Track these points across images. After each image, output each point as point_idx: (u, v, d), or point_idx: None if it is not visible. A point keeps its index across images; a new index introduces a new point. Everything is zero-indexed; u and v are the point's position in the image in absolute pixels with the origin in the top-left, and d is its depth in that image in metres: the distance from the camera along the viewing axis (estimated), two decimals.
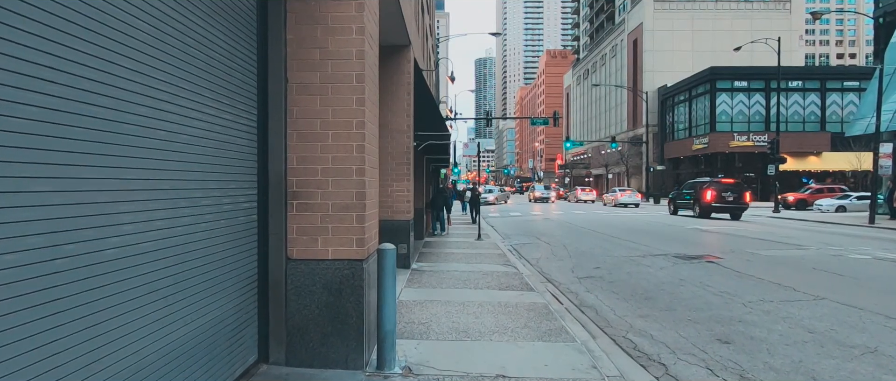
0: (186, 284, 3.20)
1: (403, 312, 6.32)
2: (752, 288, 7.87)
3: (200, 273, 3.37)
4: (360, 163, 4.35)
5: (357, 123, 4.36)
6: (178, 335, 3.07)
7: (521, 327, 5.70)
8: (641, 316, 6.44)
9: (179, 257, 3.12)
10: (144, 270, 2.77)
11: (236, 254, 3.95)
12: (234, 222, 3.90)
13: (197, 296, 3.32)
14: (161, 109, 2.91)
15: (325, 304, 4.36)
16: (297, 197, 4.37)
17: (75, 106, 2.28)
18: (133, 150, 2.67)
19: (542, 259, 11.48)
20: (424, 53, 15.32)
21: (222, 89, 3.66)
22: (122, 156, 2.59)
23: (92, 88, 2.37)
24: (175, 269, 3.06)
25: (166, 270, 2.97)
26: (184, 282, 3.16)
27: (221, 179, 3.67)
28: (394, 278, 4.48)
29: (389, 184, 9.52)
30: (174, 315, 3.04)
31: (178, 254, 3.11)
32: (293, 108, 4.36)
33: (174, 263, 3.05)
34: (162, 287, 2.93)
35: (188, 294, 3.22)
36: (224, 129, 3.70)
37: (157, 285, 2.88)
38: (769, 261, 10.57)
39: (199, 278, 3.34)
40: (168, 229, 3.00)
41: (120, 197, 2.59)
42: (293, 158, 4.37)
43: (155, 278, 2.86)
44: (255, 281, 4.29)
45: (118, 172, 2.57)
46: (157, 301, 2.87)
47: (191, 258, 3.25)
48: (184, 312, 3.16)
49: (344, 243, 4.36)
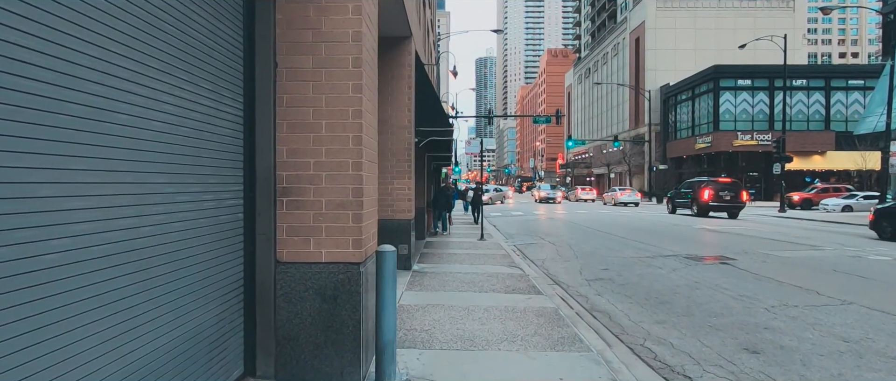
0: (157, 291, 2.79)
1: (404, 317, 5.91)
2: (773, 292, 7.45)
3: (174, 279, 2.96)
4: (357, 156, 3.94)
5: (353, 112, 3.95)
6: (144, 351, 2.66)
7: (531, 334, 5.29)
8: (658, 322, 6.03)
9: (148, 261, 2.71)
10: (100, 277, 2.35)
11: (218, 257, 3.55)
12: (216, 220, 3.49)
13: (169, 305, 2.91)
14: (122, 88, 2.50)
15: (317, 311, 3.95)
16: (287, 194, 3.96)
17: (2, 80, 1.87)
18: (84, 135, 2.26)
19: (547, 260, 11.07)
20: (426, 48, 14.91)
21: (202, 71, 3.25)
22: (71, 142, 2.18)
23: (25, 58, 1.95)
24: (140, 275, 2.64)
25: (129, 276, 2.56)
26: (154, 289, 2.76)
27: (201, 172, 3.27)
28: (394, 283, 4.07)
29: (390, 182, 9.11)
30: (140, 329, 2.63)
31: (146, 258, 2.70)
32: (283, 95, 3.95)
33: (140, 267, 2.64)
34: (124, 296, 2.52)
35: (159, 304, 2.81)
36: (204, 116, 3.29)
37: (117, 295, 2.47)
38: (785, 262, 10.16)
39: (172, 284, 2.93)
40: (132, 230, 2.59)
41: (68, 191, 2.18)
42: (283, 150, 3.96)
43: (114, 287, 2.45)
44: (241, 286, 3.88)
45: (65, 162, 2.16)
46: (117, 314, 2.46)
47: (161, 262, 2.83)
48: (153, 324, 2.75)
49: (339, 244, 3.95)
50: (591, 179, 78.93)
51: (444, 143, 13.99)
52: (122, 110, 2.51)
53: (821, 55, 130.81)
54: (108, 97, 2.40)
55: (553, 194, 50.00)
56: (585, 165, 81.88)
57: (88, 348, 2.27)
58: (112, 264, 2.44)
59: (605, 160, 69.32)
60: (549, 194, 50.11)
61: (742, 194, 25.73)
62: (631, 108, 64.95)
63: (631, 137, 61.05)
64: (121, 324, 2.48)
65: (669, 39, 60.66)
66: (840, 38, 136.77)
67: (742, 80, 46.55)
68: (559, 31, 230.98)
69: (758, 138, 45.11)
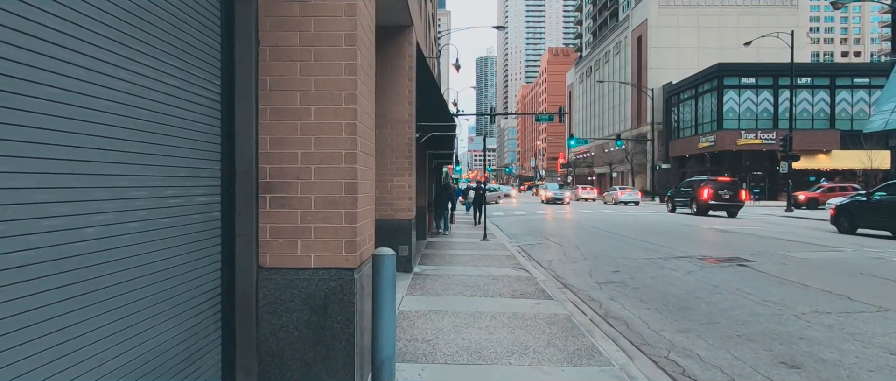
0: (104, 306, 2.31)
1: (405, 325, 5.42)
2: (800, 297, 6.96)
3: (129, 290, 2.48)
4: (351, 146, 3.45)
5: (347, 97, 3.46)
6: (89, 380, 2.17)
7: (544, 345, 4.80)
8: (681, 331, 5.54)
9: (90, 270, 2.22)
10: (16, 292, 1.86)
11: (189, 262, 3.06)
12: (186, 220, 3.00)
13: (123, 322, 2.43)
14: (54, 55, 2.01)
15: (306, 324, 3.46)
16: (271, 190, 3.47)
17: None
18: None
19: (554, 261, 10.58)
20: (427, 43, 14.42)
21: (167, 44, 2.76)
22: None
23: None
24: (79, 288, 2.16)
25: (62, 289, 2.07)
26: (100, 304, 2.27)
27: (165, 164, 2.78)
28: (393, 292, 3.58)
29: (389, 179, 8.63)
30: (81, 353, 2.15)
31: (88, 266, 2.21)
32: (266, 77, 3.47)
33: (78, 278, 2.15)
34: (56, 315, 2.03)
35: (108, 321, 2.32)
36: (171, 98, 2.81)
37: (47, 313, 1.98)
38: (806, 264, 9.66)
39: (124, 296, 2.45)
40: (68, 231, 2.11)
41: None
42: (266, 140, 3.47)
43: (41, 304, 1.96)
44: (218, 296, 3.39)
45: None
46: (46, 337, 1.97)
47: (110, 271, 2.35)
48: (99, 346, 2.26)
49: (330, 247, 3.46)
50: (593, 178, 78.42)
51: (446, 139, 13.50)
52: (56, 83, 2.02)
53: (823, 54, 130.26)
54: (33, 65, 1.91)
55: (560, 193, 45.02)
56: (587, 165, 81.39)
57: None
58: (37, 275, 1.95)
59: (607, 159, 68.84)
60: (556, 194, 45.02)
61: (741, 193, 25.84)
62: (633, 106, 64.44)
63: (633, 136, 60.53)
64: (50, 350, 1.99)
65: (672, 37, 60.16)
66: (842, 37, 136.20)
67: (746, 78, 46.03)
68: (560, 29, 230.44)
69: (762, 137, 44.62)
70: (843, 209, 16.21)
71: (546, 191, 47.42)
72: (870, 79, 45.86)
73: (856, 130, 44.03)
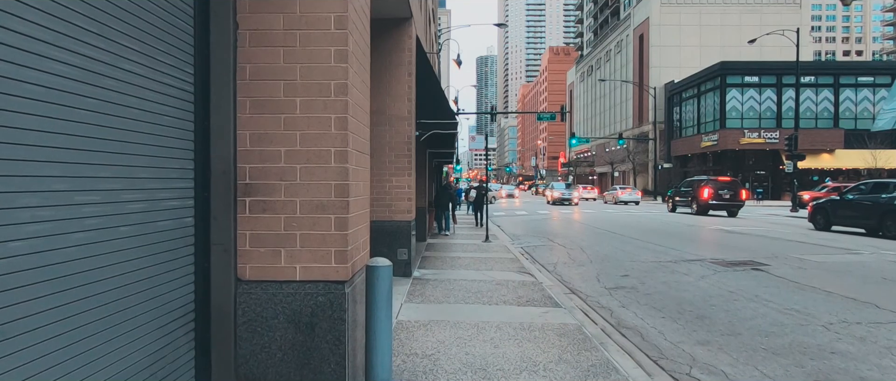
0: (41, 333, 1.91)
1: (403, 337, 5.03)
2: (824, 304, 6.57)
3: (75, 313, 2.09)
4: (342, 143, 3.06)
5: (337, 87, 3.06)
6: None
7: (554, 361, 4.41)
8: (701, 343, 5.15)
9: (21, 292, 1.83)
10: None
11: (157, 276, 2.67)
12: (151, 228, 2.61)
13: (66, 351, 2.03)
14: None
15: (291, 344, 3.07)
16: (251, 192, 3.08)
17: None
18: None
19: (559, 264, 10.19)
20: (427, 39, 14.02)
21: (124, 25, 2.37)
22: None
23: None
24: (4, 314, 1.76)
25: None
26: (37, 332, 1.88)
27: (123, 164, 2.39)
28: (389, 307, 3.19)
29: (387, 179, 8.23)
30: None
31: (18, 287, 1.81)
32: (246, 65, 3.07)
33: (5, 302, 1.76)
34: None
35: (45, 351, 1.93)
36: (129, 86, 2.41)
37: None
38: (824, 268, 9.26)
39: (71, 321, 2.05)
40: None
41: None
42: (246, 136, 3.08)
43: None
44: (192, 312, 3.00)
45: None
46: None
47: (47, 291, 1.95)
48: (42, 378, 1.86)
49: (318, 257, 3.07)
50: (594, 177, 78.01)
51: (447, 138, 13.10)
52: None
53: (825, 53, 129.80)
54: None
55: (569, 194, 40.85)
56: (588, 164, 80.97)
57: None
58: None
59: (609, 159, 68.44)
60: (563, 194, 40.83)
61: (741, 193, 25.84)
62: (635, 105, 64.02)
63: (635, 136, 60.13)
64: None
65: (674, 36, 59.73)
66: (844, 36, 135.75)
67: (749, 76, 45.59)
68: (560, 28, 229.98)
69: (765, 136, 44.19)
70: (818, 208, 17.34)
71: (553, 191, 42.83)
72: (874, 77, 45.44)
73: (860, 129, 43.63)
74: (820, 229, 16.89)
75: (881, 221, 14.75)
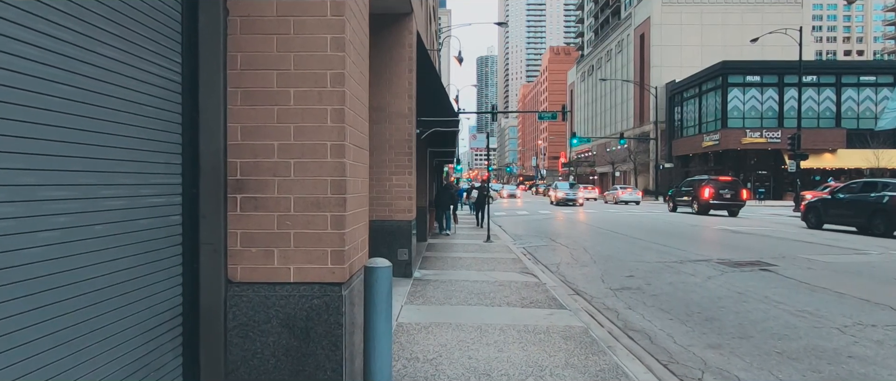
0: (6, 341, 1.74)
1: (403, 341, 4.85)
2: (837, 306, 6.38)
3: (48, 318, 1.91)
4: (338, 137, 2.88)
5: (333, 77, 2.88)
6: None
7: (561, 366, 4.23)
8: (712, 347, 4.97)
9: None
10: None
11: (140, 278, 2.49)
12: (132, 227, 2.43)
13: (43, 356, 1.86)
14: None
15: (284, 350, 2.89)
16: (242, 189, 2.90)
17: None
18: None
19: (563, 265, 10.01)
20: (428, 36, 13.84)
21: (104, 7, 2.19)
22: None
23: None
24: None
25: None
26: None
27: (100, 157, 2.21)
28: (389, 310, 3.01)
29: (387, 178, 8.05)
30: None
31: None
32: (236, 53, 2.89)
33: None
34: None
35: (8, 361, 1.75)
36: (108, 73, 2.24)
37: None
38: (833, 269, 9.07)
39: (36, 326, 1.87)
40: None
41: None
42: (237, 129, 2.90)
43: None
44: (179, 316, 2.82)
45: None
46: None
47: (9, 296, 1.77)
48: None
49: (313, 258, 2.89)
50: (594, 177, 77.81)
51: (448, 136, 12.92)
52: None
53: (826, 52, 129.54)
54: None
55: (573, 194, 38.60)
56: (589, 164, 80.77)
57: None
58: None
59: (610, 158, 68.25)
60: (567, 194, 38.56)
61: (742, 193, 25.95)
62: (635, 105, 63.83)
63: (636, 135, 59.93)
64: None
65: (675, 36, 59.55)
66: (845, 36, 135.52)
67: (751, 76, 45.39)
68: (561, 28, 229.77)
69: (767, 136, 43.99)
70: (811, 207, 18.01)
71: (556, 191, 40.27)
72: (876, 77, 45.22)
73: (862, 128, 43.44)
74: (812, 227, 17.38)
75: (870, 219, 15.09)
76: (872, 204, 15.05)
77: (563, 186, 41.49)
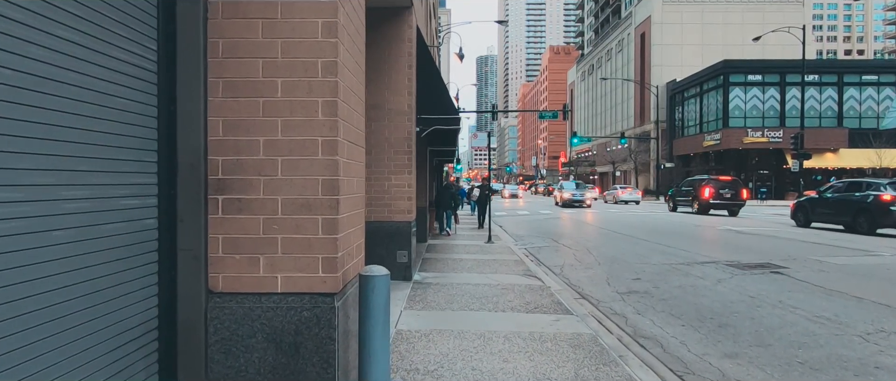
0: None
1: (403, 350, 4.58)
2: (857, 312, 6.12)
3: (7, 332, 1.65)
4: (331, 132, 2.61)
5: (325, 66, 2.62)
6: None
7: (571, 378, 3.97)
8: (729, 356, 4.70)
9: None
10: None
11: (109, 289, 2.23)
12: (100, 232, 2.17)
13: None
14: None
15: (271, 367, 2.63)
16: (224, 189, 2.63)
17: None
18: None
19: (566, 267, 9.74)
20: (428, 33, 13.57)
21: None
22: None
23: None
24: None
25: None
26: None
27: (59, 153, 1.95)
28: (386, 322, 2.75)
29: (386, 177, 7.78)
30: None
31: None
32: (218, 40, 2.62)
33: None
34: None
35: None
36: (70, 59, 1.97)
37: None
38: (847, 271, 8.80)
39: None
40: None
41: None
42: (218, 123, 2.63)
43: None
44: (154, 330, 2.55)
45: None
46: None
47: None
48: None
49: (303, 266, 2.62)
50: (595, 177, 77.52)
51: (449, 135, 12.64)
52: None
53: (826, 52, 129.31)
54: None
55: (580, 194, 35.56)
56: (589, 164, 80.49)
57: None
58: None
59: (610, 158, 67.97)
60: (574, 194, 35.61)
61: (742, 192, 25.91)
62: (636, 105, 63.56)
63: (636, 135, 59.67)
64: None
65: (676, 35, 59.29)
66: (845, 36, 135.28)
67: (752, 75, 45.11)
68: (561, 27, 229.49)
69: (769, 135, 43.72)
70: (799, 206, 18.65)
71: (562, 192, 36.97)
72: (878, 76, 44.95)
73: (864, 128, 43.18)
74: (801, 226, 17.96)
75: (855, 217, 15.63)
76: (857, 203, 15.59)
77: (568, 186, 38.47)
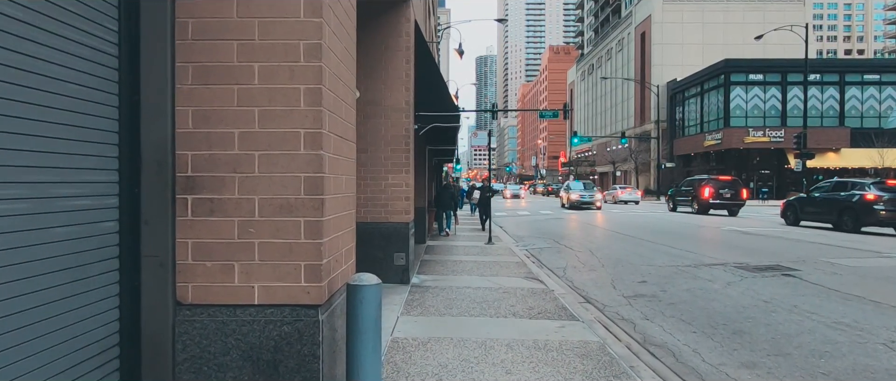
0: None
1: (399, 360, 4.29)
2: (876, 317, 5.83)
3: None
4: (314, 123, 2.32)
5: (308, 50, 2.32)
6: None
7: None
8: (746, 366, 4.41)
9: None
10: None
11: (61, 300, 1.94)
12: (44, 237, 1.88)
13: None
14: None
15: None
16: (194, 188, 2.34)
17: None
18: None
19: (569, 269, 9.45)
20: (427, 29, 13.28)
21: None
22: None
23: None
24: None
25: None
26: None
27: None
28: (377, 336, 2.45)
29: (383, 177, 7.49)
30: None
31: None
32: (187, 19, 2.33)
33: None
34: None
35: None
36: (11, 38, 1.68)
37: None
38: (860, 274, 8.51)
39: None
40: None
41: None
42: (187, 113, 2.33)
43: None
44: (115, 347, 2.26)
45: None
46: None
47: None
48: None
49: (283, 274, 2.33)
50: (595, 176, 77.22)
51: (448, 133, 12.35)
52: None
53: (827, 51, 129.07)
54: None
55: (590, 196, 32.78)
56: (589, 164, 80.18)
57: None
58: None
59: (610, 158, 67.68)
60: (582, 195, 32.80)
61: (742, 192, 25.89)
62: (636, 104, 63.28)
63: (637, 134, 59.40)
64: None
65: (676, 34, 59.01)
66: (845, 35, 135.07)
67: (753, 74, 44.84)
68: (560, 27, 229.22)
69: (770, 135, 43.44)
70: (789, 205, 19.25)
71: (570, 193, 33.82)
72: (880, 75, 44.69)
73: (866, 127, 42.90)
74: (790, 224, 18.49)
75: (840, 216, 16.30)
76: (843, 202, 16.27)
77: (576, 186, 35.05)
